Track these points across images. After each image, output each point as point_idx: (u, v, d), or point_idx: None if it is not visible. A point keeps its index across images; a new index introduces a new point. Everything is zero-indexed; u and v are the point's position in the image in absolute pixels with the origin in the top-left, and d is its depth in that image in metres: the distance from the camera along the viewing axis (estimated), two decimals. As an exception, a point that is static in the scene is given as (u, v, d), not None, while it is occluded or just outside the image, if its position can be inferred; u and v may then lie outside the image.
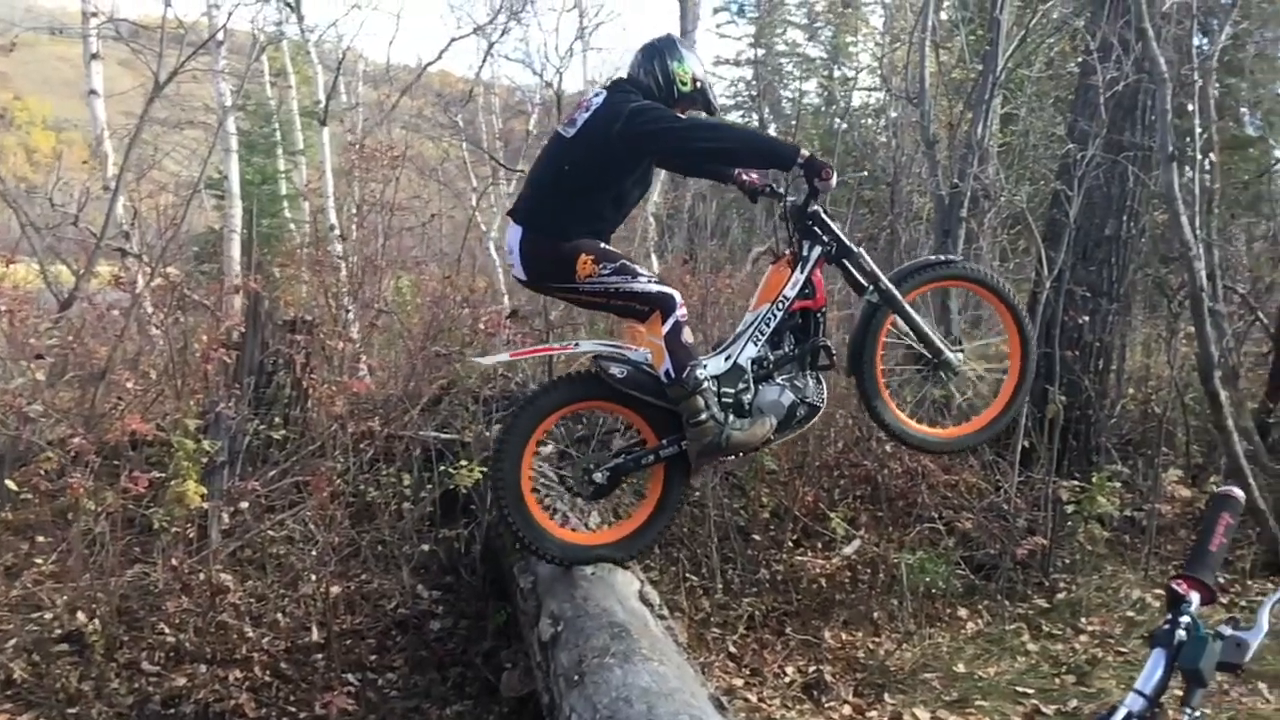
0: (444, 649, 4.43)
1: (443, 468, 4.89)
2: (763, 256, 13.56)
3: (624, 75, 3.98)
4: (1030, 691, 4.39)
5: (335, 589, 4.50)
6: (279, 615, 4.40)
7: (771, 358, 3.92)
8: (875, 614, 5.03)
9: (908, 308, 4.00)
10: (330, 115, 10.89)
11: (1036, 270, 6.87)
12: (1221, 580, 5.65)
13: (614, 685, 2.94)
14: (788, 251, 3.97)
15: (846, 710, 4.21)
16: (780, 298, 3.89)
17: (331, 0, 50.71)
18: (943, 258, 4.37)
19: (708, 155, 3.98)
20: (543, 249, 3.78)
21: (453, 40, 12.01)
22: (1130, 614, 5.18)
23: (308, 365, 5.25)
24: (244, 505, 4.72)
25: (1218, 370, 6.05)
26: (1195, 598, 1.77)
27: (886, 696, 4.30)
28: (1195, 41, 7.21)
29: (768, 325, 3.90)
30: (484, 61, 13.99)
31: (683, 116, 3.82)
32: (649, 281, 3.76)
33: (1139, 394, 8.27)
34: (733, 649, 4.69)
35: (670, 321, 3.70)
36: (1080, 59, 7.61)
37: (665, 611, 3.81)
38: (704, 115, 4.06)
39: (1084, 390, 6.81)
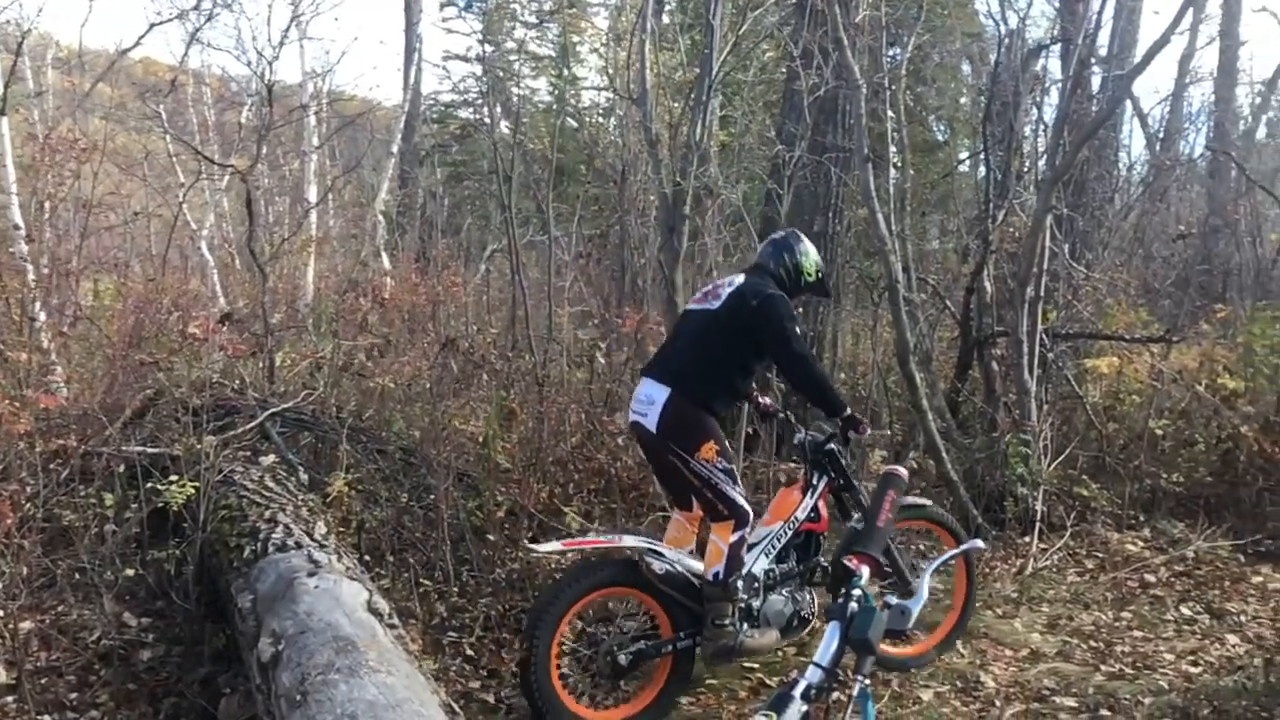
0: (155, 679, 4.10)
1: (150, 484, 4.55)
2: (497, 253, 13.52)
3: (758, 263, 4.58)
4: (755, 666, 4.61)
5: (26, 624, 4.07)
6: (-41, 659, 3.94)
7: (778, 571, 4.41)
8: (611, 604, 5.11)
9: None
10: (10, 103, 9.81)
11: (754, 265, 7.21)
12: (921, 547, 6.15)
13: (338, 702, 2.84)
14: (799, 477, 4.59)
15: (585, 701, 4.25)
16: (792, 518, 4.44)
17: (13, -24, 45.08)
18: (922, 502, 4.99)
19: (790, 375, 4.57)
20: (686, 415, 4.20)
21: (153, 25, 10.92)
22: (844, 585, 5.53)
23: (-14, 380, 4.73)
24: (-89, 539, 4.19)
25: (913, 355, 6.60)
26: (865, 571, 1.92)
27: (623, 684, 4.38)
28: (887, 52, 7.83)
29: (779, 541, 4.42)
30: (188, 49, 13.00)
31: (799, 331, 4.33)
32: (740, 494, 4.24)
33: (849, 379, 8.89)
34: (470, 651, 4.63)
35: (739, 533, 4.17)
36: (786, 65, 8.05)
37: (396, 620, 3.71)
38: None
39: (800, 378, 7.21)
